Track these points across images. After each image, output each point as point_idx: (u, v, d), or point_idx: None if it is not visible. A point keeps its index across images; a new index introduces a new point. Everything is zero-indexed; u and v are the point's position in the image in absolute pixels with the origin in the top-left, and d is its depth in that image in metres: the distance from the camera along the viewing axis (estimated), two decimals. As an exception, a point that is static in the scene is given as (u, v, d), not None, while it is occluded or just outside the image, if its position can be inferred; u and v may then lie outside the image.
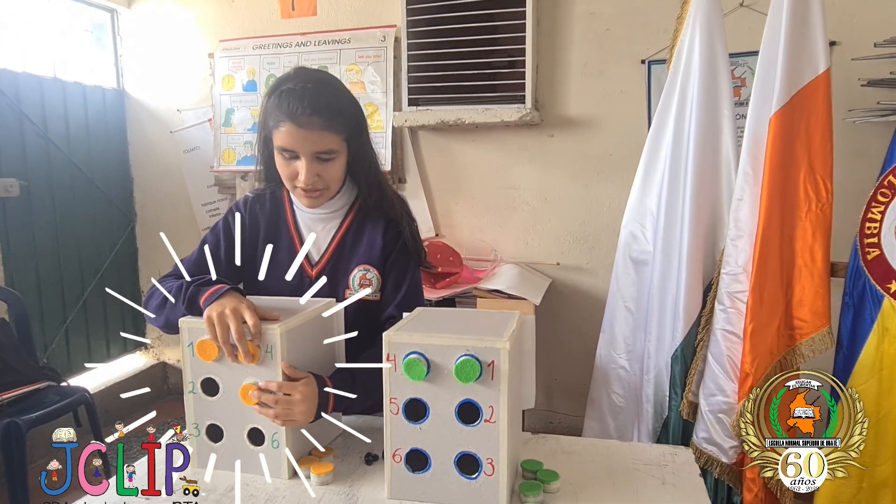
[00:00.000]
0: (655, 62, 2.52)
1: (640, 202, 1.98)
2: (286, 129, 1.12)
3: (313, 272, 1.26)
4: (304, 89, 1.12)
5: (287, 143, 1.13)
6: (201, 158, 3.31)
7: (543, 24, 2.67)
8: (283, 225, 1.29)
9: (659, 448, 1.17)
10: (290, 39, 3.04)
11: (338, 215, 1.28)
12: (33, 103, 2.87)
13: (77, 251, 3.14)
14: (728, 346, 1.69)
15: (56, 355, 3.03)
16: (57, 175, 3.00)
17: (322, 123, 1.12)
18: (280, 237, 1.28)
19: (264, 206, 1.31)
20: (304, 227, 1.28)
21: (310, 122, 1.11)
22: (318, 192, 1.19)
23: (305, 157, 1.14)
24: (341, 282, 1.25)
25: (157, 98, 3.38)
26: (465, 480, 0.94)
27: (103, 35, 3.37)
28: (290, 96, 1.12)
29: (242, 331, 0.98)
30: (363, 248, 1.26)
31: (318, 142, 1.13)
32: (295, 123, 1.11)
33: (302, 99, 1.11)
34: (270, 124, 1.15)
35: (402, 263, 1.27)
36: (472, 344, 0.91)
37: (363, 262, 1.25)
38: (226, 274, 1.20)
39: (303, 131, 1.11)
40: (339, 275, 1.25)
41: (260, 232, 1.28)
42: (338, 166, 1.19)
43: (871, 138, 2.24)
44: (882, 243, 1.58)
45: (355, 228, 1.27)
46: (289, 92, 1.12)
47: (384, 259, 1.26)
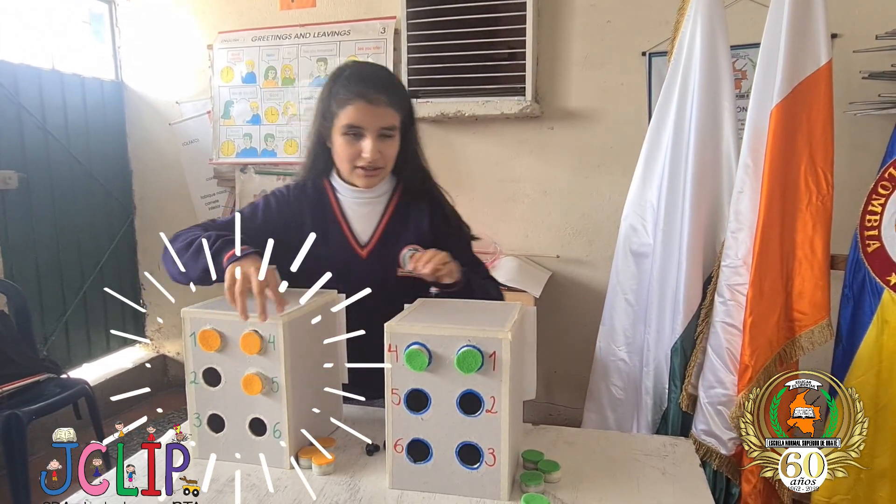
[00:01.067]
0: (656, 54, 2.51)
1: (640, 195, 1.97)
2: (355, 106, 1.19)
3: (364, 252, 1.30)
4: (369, 69, 1.25)
5: (355, 119, 1.20)
6: (200, 151, 3.30)
7: (544, 15, 2.66)
8: (329, 211, 1.33)
9: (659, 439, 1.17)
10: (289, 31, 3.02)
11: (381, 200, 1.33)
12: (32, 95, 2.86)
13: (76, 243, 3.13)
14: (728, 338, 1.70)
15: (56, 347, 3.03)
16: (56, 167, 2.99)
17: (387, 100, 1.20)
18: (327, 223, 1.31)
19: (308, 194, 1.34)
20: (348, 211, 1.32)
21: (378, 98, 1.19)
22: (376, 171, 1.26)
23: (371, 133, 1.21)
24: (391, 261, 1.29)
25: (155, 90, 3.37)
26: (466, 470, 0.95)
27: (102, 26, 3.35)
28: (359, 76, 1.21)
29: (263, 287, 0.98)
30: (410, 228, 1.32)
31: (384, 117, 1.21)
32: (364, 100, 1.19)
33: (370, 78, 1.21)
34: (334, 107, 1.22)
35: (457, 238, 1.36)
36: (474, 334, 0.92)
37: (411, 242, 1.30)
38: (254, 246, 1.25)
39: (371, 107, 1.19)
40: (388, 255, 1.30)
41: (305, 219, 1.31)
42: (396, 145, 1.27)
43: (872, 131, 2.23)
44: (882, 236, 1.59)
45: (401, 210, 1.33)
46: (355, 74, 1.22)
47: (433, 239, 1.31)
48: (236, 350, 1.02)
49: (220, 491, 0.98)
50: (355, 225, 1.31)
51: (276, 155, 3.12)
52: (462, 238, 1.39)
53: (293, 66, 3.03)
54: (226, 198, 3.32)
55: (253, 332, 1.00)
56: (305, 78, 3.02)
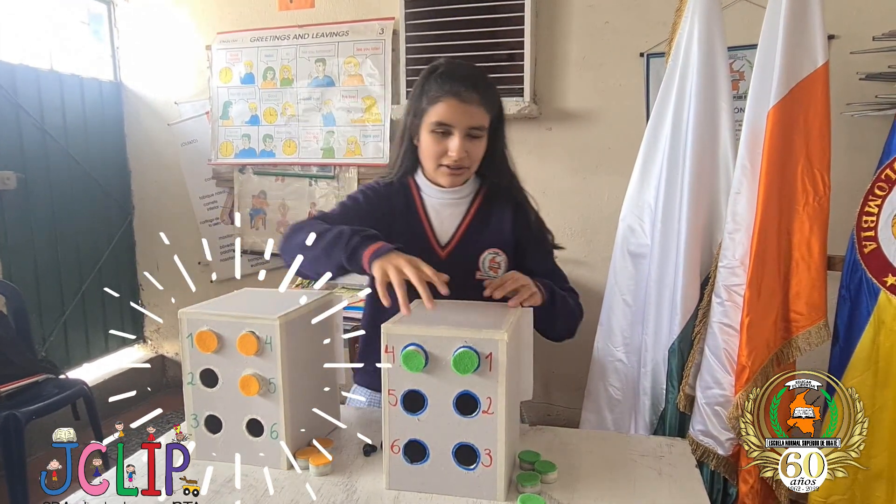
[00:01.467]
0: (654, 55, 2.52)
1: (638, 195, 1.97)
2: (446, 103, 1.18)
3: (444, 253, 1.29)
4: (462, 67, 1.22)
5: (445, 116, 1.19)
6: (199, 151, 3.30)
7: (542, 16, 2.67)
8: (413, 210, 1.32)
9: (656, 440, 1.18)
10: (287, 32, 3.03)
11: (465, 201, 1.32)
12: (30, 95, 2.86)
13: (75, 244, 3.13)
14: (725, 339, 1.70)
15: (54, 348, 3.03)
16: (54, 167, 2.99)
17: (479, 99, 1.19)
18: (411, 221, 1.31)
19: (395, 191, 1.34)
20: (431, 211, 1.31)
21: (469, 96, 1.18)
22: (461, 171, 1.24)
23: (460, 131, 1.20)
24: (470, 264, 1.28)
25: (154, 90, 3.37)
26: (463, 471, 0.95)
27: (100, 27, 3.35)
28: (452, 73, 1.20)
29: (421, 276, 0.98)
30: (491, 231, 1.30)
31: (474, 116, 1.19)
32: (456, 97, 1.17)
33: (462, 76, 1.19)
34: (425, 104, 1.21)
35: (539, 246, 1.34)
36: (471, 336, 0.92)
37: (492, 246, 1.29)
38: None
39: (462, 105, 1.18)
40: (468, 257, 1.28)
41: (394, 215, 1.31)
42: (483, 145, 1.25)
43: (869, 132, 2.24)
44: (879, 237, 1.59)
45: (483, 212, 1.31)
46: (448, 71, 1.21)
47: (514, 243, 1.30)
48: (233, 351, 1.02)
49: (218, 492, 0.98)
50: (437, 225, 1.30)
51: (274, 155, 3.12)
52: (544, 247, 1.36)
53: (292, 66, 3.03)
54: (224, 198, 3.32)
55: (250, 333, 1.01)
56: (304, 79, 3.02)
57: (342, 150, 3.00)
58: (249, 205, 3.23)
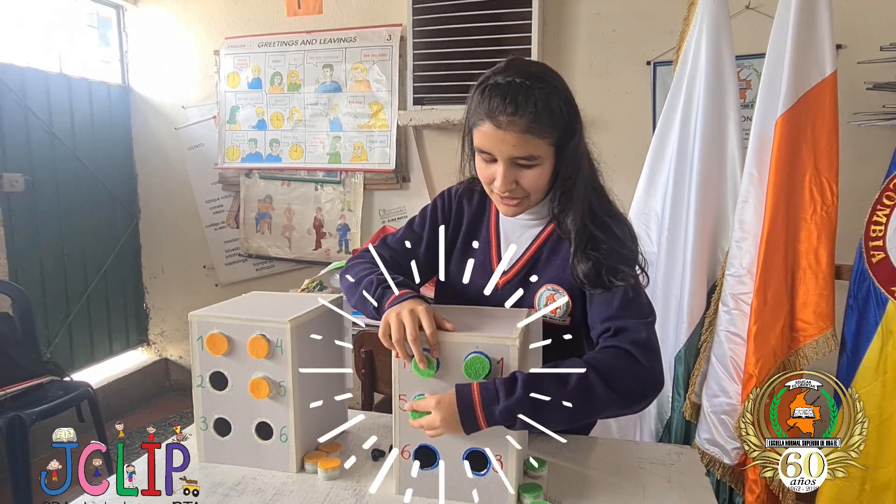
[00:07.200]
0: (661, 63, 2.52)
1: (644, 203, 1.98)
2: (485, 129, 1.01)
3: (501, 282, 1.15)
4: (509, 85, 0.99)
5: (484, 144, 1.02)
6: (205, 155, 3.31)
7: (549, 24, 2.68)
8: (486, 225, 1.20)
9: (664, 447, 1.17)
10: (295, 37, 3.04)
11: (542, 223, 1.15)
12: (39, 98, 2.88)
13: (81, 247, 3.14)
14: (731, 347, 1.70)
15: (59, 350, 3.03)
16: (62, 170, 3.01)
17: (524, 126, 0.98)
18: (480, 236, 1.20)
19: (472, 200, 1.23)
20: (503, 231, 1.18)
21: (510, 122, 0.98)
22: (516, 201, 1.07)
23: (503, 161, 1.02)
24: (528, 297, 1.12)
25: (161, 94, 3.39)
26: (473, 477, 0.95)
27: (109, 31, 3.38)
28: (494, 92, 0.99)
29: (417, 334, 0.92)
30: (557, 263, 1.12)
31: (516, 146, 1.00)
32: (494, 124, 0.99)
33: (505, 96, 0.98)
34: (471, 122, 1.05)
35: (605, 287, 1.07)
36: (482, 341, 0.92)
37: (552, 282, 1.11)
38: (423, 258, 1.20)
39: (501, 133, 0.99)
40: (527, 288, 1.11)
41: (462, 226, 1.21)
42: (541, 173, 1.04)
43: (876, 141, 2.24)
44: (887, 246, 1.59)
45: (554, 240, 1.13)
46: (493, 87, 1.00)
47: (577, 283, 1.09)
48: (243, 354, 1.02)
49: (226, 495, 0.98)
50: (504, 247, 1.16)
51: (280, 160, 3.13)
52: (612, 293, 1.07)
53: (299, 72, 3.04)
54: (230, 202, 3.33)
55: (260, 335, 1.01)
56: (311, 84, 3.03)
57: (348, 156, 3.01)
58: (255, 209, 3.24)
